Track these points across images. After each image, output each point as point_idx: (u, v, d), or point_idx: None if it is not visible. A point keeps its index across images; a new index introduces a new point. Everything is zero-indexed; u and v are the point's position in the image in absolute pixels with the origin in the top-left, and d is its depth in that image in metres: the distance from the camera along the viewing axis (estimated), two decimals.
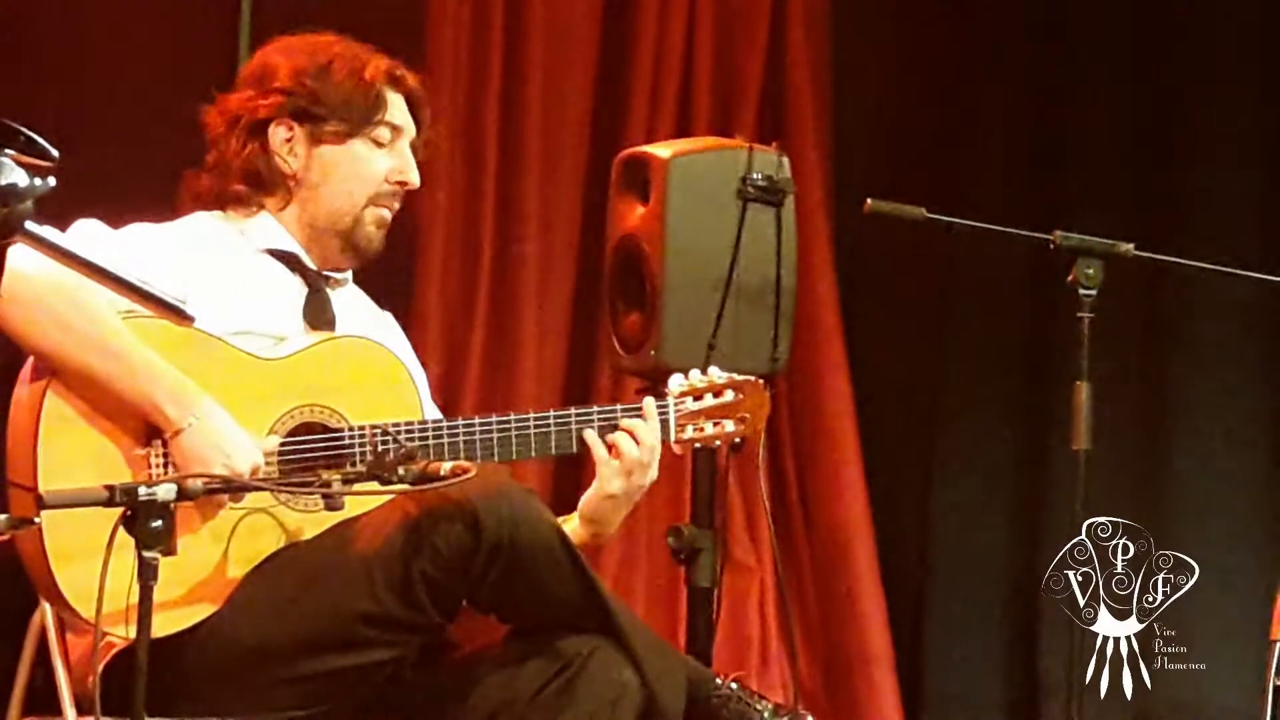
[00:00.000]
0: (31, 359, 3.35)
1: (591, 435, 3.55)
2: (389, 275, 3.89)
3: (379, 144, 3.66)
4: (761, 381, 3.75)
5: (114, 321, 3.33)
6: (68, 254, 2.76)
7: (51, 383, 3.31)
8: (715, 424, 3.68)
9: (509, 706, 3.35)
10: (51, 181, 2.57)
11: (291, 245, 3.65)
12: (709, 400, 3.68)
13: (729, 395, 3.69)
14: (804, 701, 4.93)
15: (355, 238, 3.67)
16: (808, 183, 5.56)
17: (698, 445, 3.69)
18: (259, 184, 3.65)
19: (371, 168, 3.66)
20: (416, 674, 3.39)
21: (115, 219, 3.54)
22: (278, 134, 3.63)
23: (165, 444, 3.34)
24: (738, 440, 3.73)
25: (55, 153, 2.58)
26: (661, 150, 4.54)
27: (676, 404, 3.65)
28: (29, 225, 2.59)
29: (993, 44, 6.01)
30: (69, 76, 5.08)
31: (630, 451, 3.55)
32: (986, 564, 5.91)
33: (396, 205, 3.70)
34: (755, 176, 4.45)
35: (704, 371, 3.71)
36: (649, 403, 3.62)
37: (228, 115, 3.66)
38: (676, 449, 3.68)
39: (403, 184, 3.68)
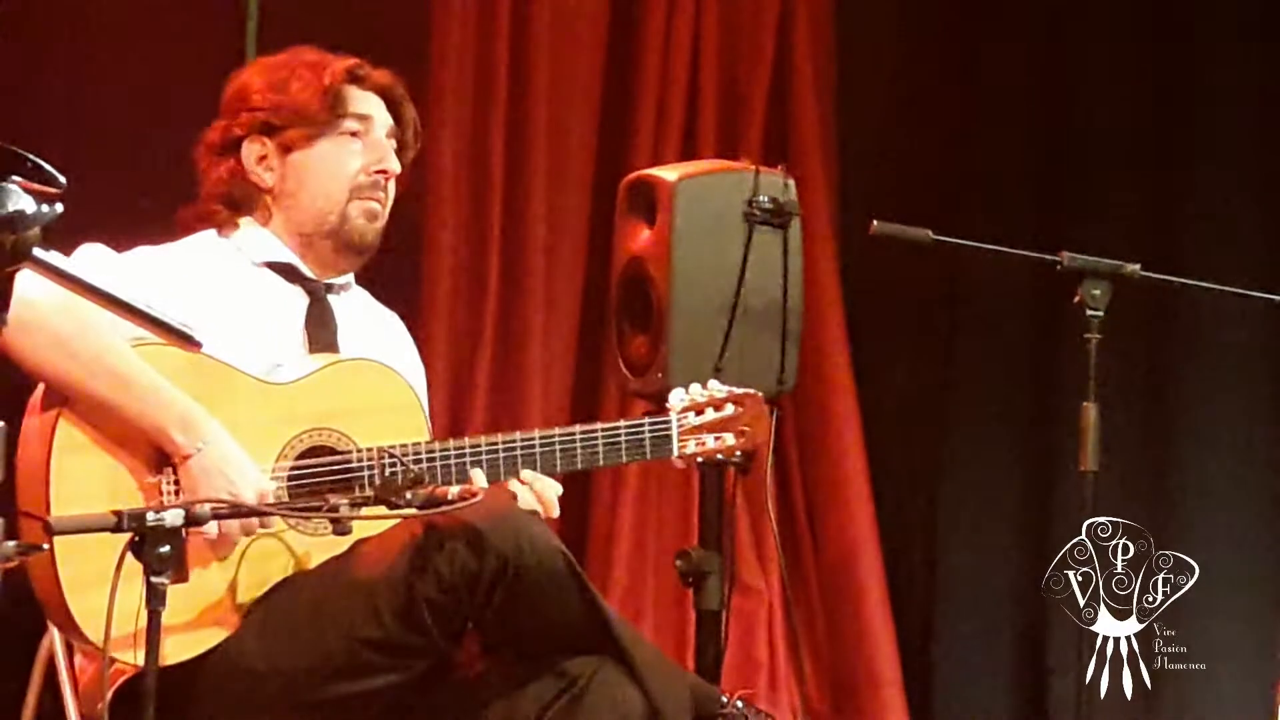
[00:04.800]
0: (42, 388, 3.36)
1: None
2: (394, 299, 3.89)
3: (351, 136, 3.68)
4: (760, 394, 3.77)
5: (122, 347, 3.34)
6: (76, 280, 2.76)
7: (63, 411, 3.31)
8: (716, 438, 3.70)
9: None
10: (59, 208, 2.57)
11: (287, 256, 3.67)
12: (710, 414, 3.71)
13: (729, 409, 3.72)
14: None
15: (345, 234, 3.67)
16: (813, 205, 5.56)
17: (700, 460, 3.71)
18: (234, 203, 3.68)
19: (345, 162, 3.67)
20: (419, 696, 3.37)
21: (122, 244, 3.55)
22: (251, 151, 3.67)
23: (176, 470, 3.35)
24: (738, 454, 3.75)
25: (63, 179, 2.58)
26: (667, 173, 4.53)
27: (679, 419, 3.67)
28: (36, 252, 2.59)
29: (998, 65, 6.01)
30: (76, 102, 5.09)
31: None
32: (994, 584, 5.90)
33: (382, 195, 3.70)
34: (761, 199, 4.45)
35: (704, 385, 3.73)
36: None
37: (208, 145, 3.71)
38: (679, 464, 3.72)
39: (382, 172, 3.69)
